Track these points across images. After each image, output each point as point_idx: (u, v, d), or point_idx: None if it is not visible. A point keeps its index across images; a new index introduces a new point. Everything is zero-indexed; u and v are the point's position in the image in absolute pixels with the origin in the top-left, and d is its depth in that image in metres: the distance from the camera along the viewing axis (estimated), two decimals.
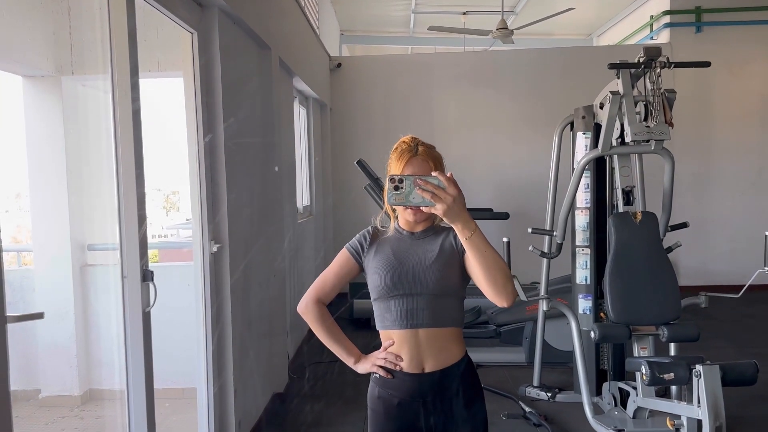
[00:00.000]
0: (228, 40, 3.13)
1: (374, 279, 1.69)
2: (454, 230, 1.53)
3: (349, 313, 5.97)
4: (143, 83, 2.34)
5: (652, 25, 7.75)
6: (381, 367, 1.70)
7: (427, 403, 1.67)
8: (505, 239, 3.39)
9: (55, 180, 3.74)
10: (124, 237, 2.13)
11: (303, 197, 6.05)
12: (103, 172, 4.02)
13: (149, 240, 2.28)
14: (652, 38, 7.73)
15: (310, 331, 5.62)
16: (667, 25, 7.37)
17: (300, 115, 5.94)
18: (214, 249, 2.95)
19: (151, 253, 2.77)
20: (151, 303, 2.22)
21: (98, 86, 4.01)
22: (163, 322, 2.52)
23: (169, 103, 3.55)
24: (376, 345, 1.73)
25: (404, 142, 1.70)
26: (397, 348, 1.67)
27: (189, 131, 2.91)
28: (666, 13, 7.36)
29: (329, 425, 3.63)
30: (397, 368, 1.67)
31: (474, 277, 1.59)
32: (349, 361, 1.78)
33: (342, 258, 1.77)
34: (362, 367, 1.75)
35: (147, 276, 2.18)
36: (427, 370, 1.66)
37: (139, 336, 2.24)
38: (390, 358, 1.67)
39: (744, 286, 3.40)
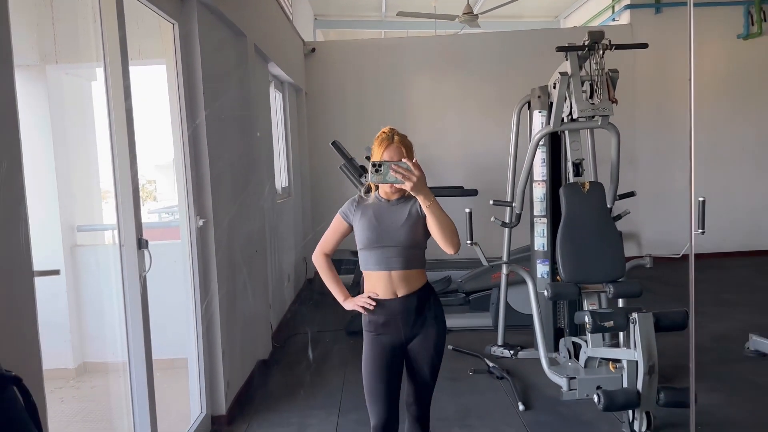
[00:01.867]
0: (206, 29, 3.36)
1: (360, 234, 2.24)
2: (418, 200, 2.13)
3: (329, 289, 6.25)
4: None
5: (614, 7, 8.06)
6: (362, 306, 2.27)
7: (404, 317, 2.24)
8: (467, 210, 3.70)
9: (43, 165, 3.92)
10: (120, 209, 2.38)
11: (282, 178, 6.30)
12: (89, 157, 4.23)
13: None
14: (614, 19, 8.05)
15: (290, 305, 5.91)
16: (627, 7, 7.69)
17: (276, 99, 6.16)
18: (200, 223, 3.21)
19: None
20: (147, 268, 2.48)
21: (81, 74, 4.21)
22: (151, 299, 2.68)
23: (147, 92, 3.75)
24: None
25: (384, 132, 2.22)
26: (375, 283, 2.24)
27: (173, 115, 3.15)
28: None
29: (311, 386, 3.94)
30: (371, 307, 2.24)
31: (431, 232, 2.14)
32: (339, 298, 2.35)
33: (336, 221, 2.34)
34: (348, 305, 2.31)
35: (142, 244, 2.44)
36: (399, 295, 2.23)
37: (138, 299, 2.50)
38: (367, 301, 2.24)
39: (685, 249, 3.72)
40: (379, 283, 2.22)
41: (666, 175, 7.68)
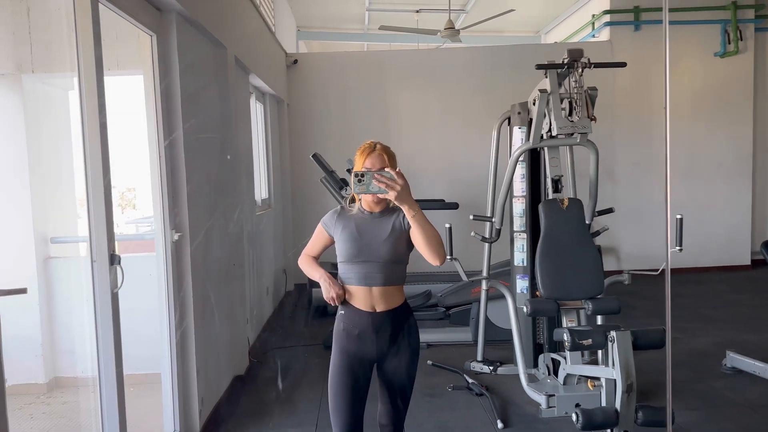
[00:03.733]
0: (185, 41, 3.32)
1: (342, 247, 2.21)
2: (402, 211, 2.09)
3: (308, 302, 6.21)
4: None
5: (594, 24, 8.17)
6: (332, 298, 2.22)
7: (378, 333, 2.21)
8: (447, 225, 3.69)
9: (18, 175, 3.85)
10: (92, 223, 2.32)
11: (261, 190, 6.25)
12: (64, 167, 4.16)
13: None
14: (594, 36, 8.15)
15: (269, 319, 5.84)
16: (607, 24, 7.80)
17: (257, 110, 6.13)
18: (175, 237, 3.16)
19: None
20: (119, 284, 2.43)
21: (57, 83, 4.15)
22: (124, 312, 2.63)
23: (124, 101, 3.70)
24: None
25: (366, 143, 2.21)
26: (354, 296, 2.21)
27: (149, 127, 3.10)
28: (606, 12, 7.78)
29: (288, 402, 3.88)
30: (335, 300, 2.21)
31: (416, 244, 2.11)
32: (315, 276, 2.28)
33: (318, 232, 2.34)
34: (324, 281, 2.22)
35: (114, 260, 2.38)
36: (378, 310, 2.21)
37: (109, 316, 2.44)
38: (337, 296, 2.20)
39: (663, 265, 3.74)
40: (358, 297, 2.21)
41: (644, 189, 7.77)
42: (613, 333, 2.88)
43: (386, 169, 2.00)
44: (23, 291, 1.74)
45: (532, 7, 9.10)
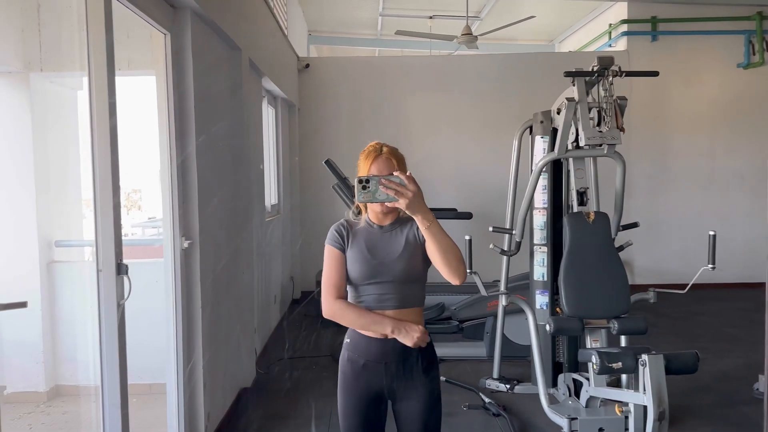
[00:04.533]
0: (199, 41, 3.20)
1: (351, 268, 1.91)
2: (415, 222, 1.80)
3: (315, 310, 6.06)
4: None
5: (610, 33, 8.03)
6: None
7: (389, 364, 1.92)
8: (467, 237, 3.53)
9: (23, 176, 3.73)
10: (99, 231, 2.19)
11: (271, 196, 6.12)
12: (71, 169, 4.04)
13: None
14: (610, 45, 8.02)
15: (276, 328, 5.70)
16: (624, 34, 7.67)
17: (268, 114, 6.01)
18: (185, 245, 3.03)
19: None
20: (126, 296, 2.29)
21: (66, 83, 4.03)
22: (129, 318, 2.50)
23: (133, 101, 3.59)
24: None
25: (371, 145, 1.93)
26: None
27: (161, 130, 2.98)
28: (624, 21, 7.65)
29: (296, 417, 3.73)
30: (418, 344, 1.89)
31: (432, 259, 1.83)
32: (387, 330, 1.89)
33: (331, 254, 1.94)
34: (405, 339, 1.88)
35: (122, 269, 2.25)
36: (390, 337, 1.90)
37: (114, 328, 2.30)
38: (418, 334, 1.88)
39: (691, 283, 3.58)
40: None
41: (659, 203, 7.61)
42: (644, 356, 2.73)
43: (395, 173, 1.73)
44: (23, 305, 1.60)
45: (547, 16, 8.97)
